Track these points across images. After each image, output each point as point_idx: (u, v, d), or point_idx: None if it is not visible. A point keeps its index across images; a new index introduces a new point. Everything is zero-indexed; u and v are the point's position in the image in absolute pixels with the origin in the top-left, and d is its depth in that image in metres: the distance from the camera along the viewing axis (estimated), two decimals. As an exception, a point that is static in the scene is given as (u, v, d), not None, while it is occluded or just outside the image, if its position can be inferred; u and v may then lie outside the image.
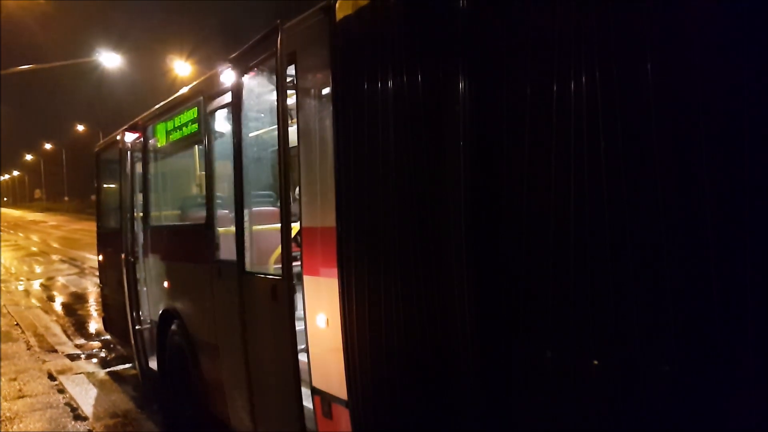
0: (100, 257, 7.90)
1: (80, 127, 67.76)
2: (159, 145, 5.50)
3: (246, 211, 3.70)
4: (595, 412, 1.95)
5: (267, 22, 3.29)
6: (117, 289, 6.79)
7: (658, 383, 1.81)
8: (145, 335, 5.91)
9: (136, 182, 6.04)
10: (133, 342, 6.33)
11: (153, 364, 5.76)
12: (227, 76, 4.00)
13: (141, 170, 5.88)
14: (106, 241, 7.62)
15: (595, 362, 1.93)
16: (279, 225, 3.25)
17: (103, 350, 7.97)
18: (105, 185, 8.08)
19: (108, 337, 7.98)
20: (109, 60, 22.38)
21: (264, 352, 3.56)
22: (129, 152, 6.29)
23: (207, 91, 4.43)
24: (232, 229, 4.33)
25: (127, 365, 7.08)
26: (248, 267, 3.69)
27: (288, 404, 3.22)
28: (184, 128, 4.91)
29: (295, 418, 3.18)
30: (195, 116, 4.65)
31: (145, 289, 5.80)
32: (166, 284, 5.25)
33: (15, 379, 6.52)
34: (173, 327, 5.09)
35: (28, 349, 7.96)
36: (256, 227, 3.93)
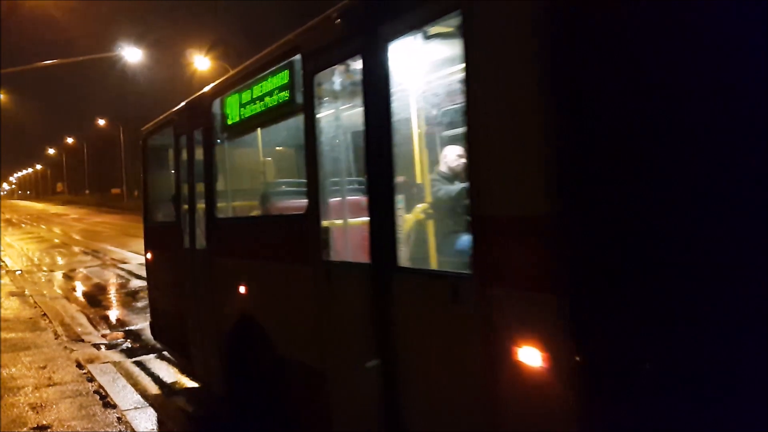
0: (149, 255, 6.91)
1: (101, 122, 68.56)
2: (230, 123, 4.55)
3: (394, 192, 2.89)
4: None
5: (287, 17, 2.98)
6: (170, 293, 6.05)
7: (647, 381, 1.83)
8: (211, 348, 4.99)
9: (198, 168, 5.11)
10: (194, 355, 5.47)
11: (220, 380, 4.92)
12: (343, 23, 3.10)
13: (205, 153, 4.95)
14: (156, 237, 6.74)
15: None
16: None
17: (128, 340, 8.09)
18: (154, 173, 7.07)
19: (132, 327, 8.09)
20: (131, 54, 22.66)
21: (434, 378, 2.64)
22: (188, 133, 5.32)
23: (308, 48, 3.50)
24: (338, 222, 3.47)
25: (151, 355, 7.19)
26: (402, 263, 2.88)
27: None
28: (268, 98, 3.98)
29: None
30: (286, 82, 3.76)
31: (211, 294, 4.93)
32: (243, 289, 4.39)
33: (44, 368, 6.64)
34: (253, 341, 4.25)
35: (56, 338, 8.09)
36: (352, 220, 3.32)
